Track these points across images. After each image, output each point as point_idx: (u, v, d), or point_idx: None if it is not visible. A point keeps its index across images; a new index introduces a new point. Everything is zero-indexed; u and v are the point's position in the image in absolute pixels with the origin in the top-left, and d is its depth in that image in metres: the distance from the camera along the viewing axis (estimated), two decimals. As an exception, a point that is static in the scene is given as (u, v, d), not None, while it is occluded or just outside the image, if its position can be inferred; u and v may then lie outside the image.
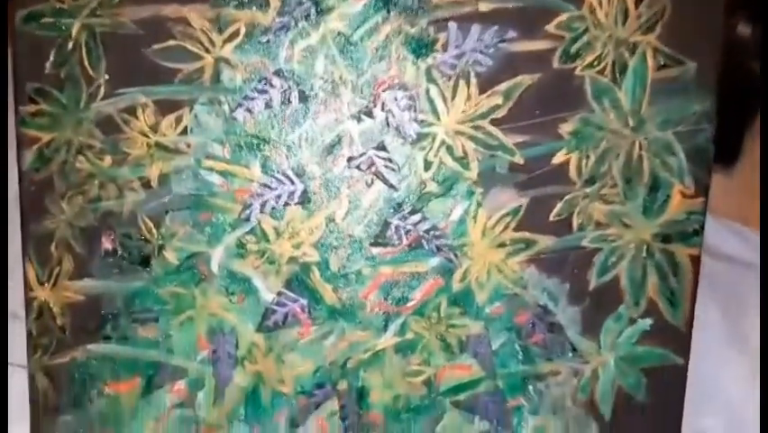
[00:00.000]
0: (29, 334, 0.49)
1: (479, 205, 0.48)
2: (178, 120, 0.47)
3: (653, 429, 0.50)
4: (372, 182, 0.48)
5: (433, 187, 0.48)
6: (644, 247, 0.49)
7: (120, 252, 0.48)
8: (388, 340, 0.50)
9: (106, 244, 0.48)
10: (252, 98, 0.47)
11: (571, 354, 0.50)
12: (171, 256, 0.48)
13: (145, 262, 0.48)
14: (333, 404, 0.50)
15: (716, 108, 0.46)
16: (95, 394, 0.50)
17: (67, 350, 0.49)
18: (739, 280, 0.55)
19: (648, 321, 0.49)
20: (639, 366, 0.50)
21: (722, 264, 0.55)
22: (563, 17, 0.46)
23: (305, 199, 0.48)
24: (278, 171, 0.48)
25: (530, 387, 0.50)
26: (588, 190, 0.48)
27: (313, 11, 0.46)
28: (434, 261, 0.49)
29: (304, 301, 0.49)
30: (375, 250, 0.49)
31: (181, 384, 0.50)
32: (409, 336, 0.50)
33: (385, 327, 0.49)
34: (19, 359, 0.50)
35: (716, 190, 0.48)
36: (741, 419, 0.53)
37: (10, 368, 0.53)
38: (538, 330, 0.50)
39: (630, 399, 0.50)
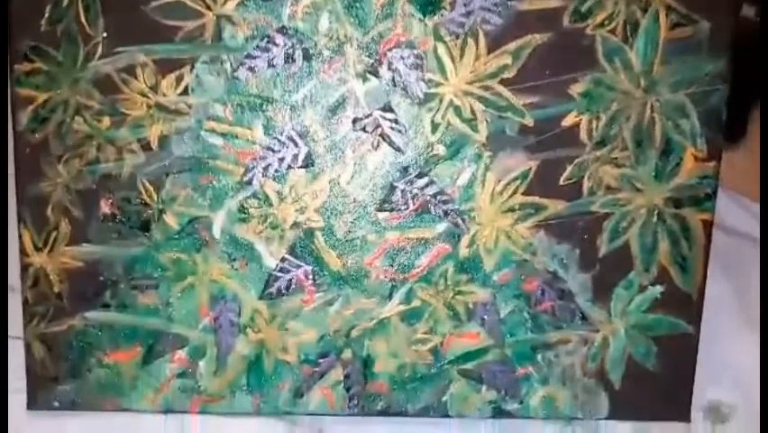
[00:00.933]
0: (24, 302, 0.48)
1: (487, 168, 0.47)
2: (179, 80, 0.45)
3: (663, 399, 0.50)
4: (378, 145, 0.46)
5: (440, 150, 0.47)
6: (656, 212, 0.48)
7: (119, 216, 0.47)
8: (393, 308, 0.48)
9: (105, 208, 0.47)
10: (255, 57, 0.45)
11: (580, 322, 0.49)
12: (172, 221, 0.47)
13: (145, 226, 0.47)
14: (338, 373, 0.49)
15: (731, 69, 0.46)
16: (93, 363, 0.49)
17: (64, 318, 0.48)
18: (750, 255, 0.54)
19: (659, 288, 0.49)
20: (650, 335, 0.49)
21: (733, 239, 0.54)
22: (575, -27, 0.45)
23: (308, 162, 0.47)
24: (281, 133, 0.46)
25: (539, 356, 0.49)
26: (598, 153, 0.47)
27: (317, -33, 0.45)
28: (441, 226, 0.48)
29: (308, 268, 0.48)
30: (381, 215, 0.47)
31: (182, 353, 0.49)
32: (415, 303, 0.48)
33: (390, 295, 0.48)
34: (16, 331, 0.49)
35: (723, 164, 0.47)
36: (752, 395, 0.52)
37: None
38: (547, 297, 0.49)
39: (640, 368, 0.49)
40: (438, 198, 0.47)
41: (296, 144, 0.46)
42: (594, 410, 0.50)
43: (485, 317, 0.49)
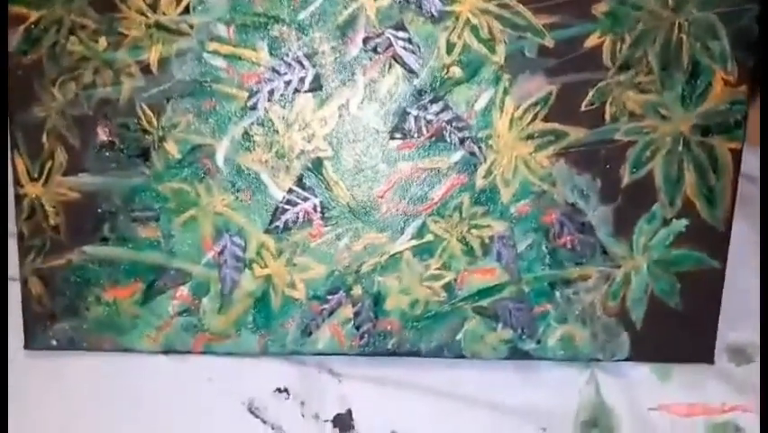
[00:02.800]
0: (20, 235, 0.46)
1: (505, 92, 0.44)
2: (180, -3, 0.43)
3: (687, 339, 0.48)
4: (390, 67, 0.44)
5: (456, 72, 0.44)
6: (682, 140, 0.45)
7: (117, 144, 0.45)
8: (405, 242, 0.46)
9: (102, 135, 0.45)
10: (260, -29, 0.43)
11: (601, 258, 0.47)
12: (173, 149, 0.45)
13: (145, 155, 0.45)
14: (347, 311, 0.47)
15: (763, -15, 0.43)
16: (92, 300, 0.46)
17: (61, 252, 0.46)
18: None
19: (684, 222, 0.46)
20: (673, 270, 0.47)
21: (755, 187, 0.51)
22: None
23: (316, 86, 0.44)
24: (287, 54, 0.44)
25: (557, 293, 0.47)
26: (622, 77, 0.44)
27: None
28: (457, 155, 0.45)
29: (316, 200, 0.46)
30: (393, 143, 0.45)
31: (184, 289, 0.46)
32: (428, 237, 0.46)
33: (402, 229, 0.46)
34: (13, 273, 0.47)
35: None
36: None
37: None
38: (567, 231, 0.46)
39: (663, 306, 0.47)
40: (454, 124, 0.45)
41: (302, 66, 0.44)
42: (614, 351, 0.48)
43: (501, 251, 0.46)
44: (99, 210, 0.45)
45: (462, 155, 0.45)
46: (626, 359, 0.48)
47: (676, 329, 0.47)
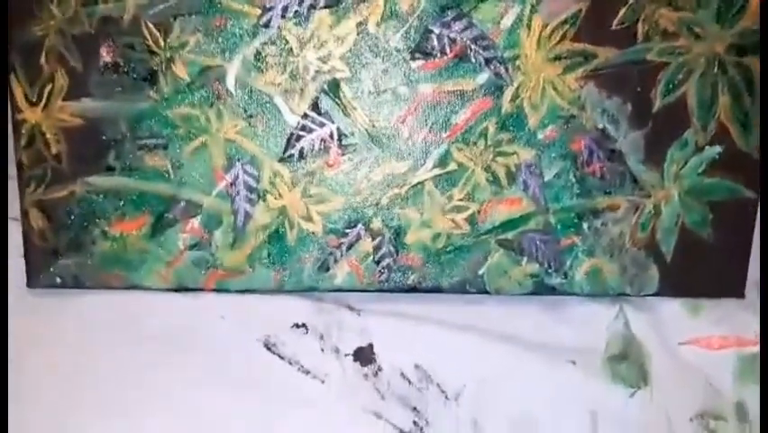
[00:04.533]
0: (19, 165, 0.43)
1: (533, 10, 0.42)
2: None
3: (717, 272, 0.46)
4: (412, -19, 0.42)
5: (481, -14, 0.42)
6: (716, 61, 0.43)
7: (122, 66, 0.42)
8: (427, 172, 0.44)
9: (106, 56, 0.42)
10: None
11: (631, 187, 0.45)
12: (181, 71, 0.42)
13: (151, 78, 0.42)
14: (367, 245, 0.45)
15: None
16: (97, 235, 0.44)
17: (64, 183, 0.43)
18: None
19: (717, 148, 0.44)
20: (705, 200, 0.45)
21: None
22: None
23: (333, 2, 0.41)
24: (302, -33, 0.41)
25: (585, 224, 0.45)
26: (655, -6, 0.42)
27: None
28: (482, 77, 0.43)
29: (333, 126, 0.43)
30: (414, 64, 0.43)
31: (195, 222, 0.44)
32: (452, 166, 0.44)
33: (424, 157, 0.44)
34: (14, 213, 0.44)
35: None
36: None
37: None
38: (596, 158, 0.44)
39: (694, 237, 0.45)
40: (479, 43, 0.42)
41: (319, -20, 0.41)
42: (642, 286, 0.46)
43: (528, 180, 0.44)
44: (103, 138, 0.43)
45: (488, 77, 0.43)
46: (655, 294, 0.46)
47: (706, 262, 0.46)
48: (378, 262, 0.45)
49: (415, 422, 0.44)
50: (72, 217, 0.44)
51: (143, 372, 0.45)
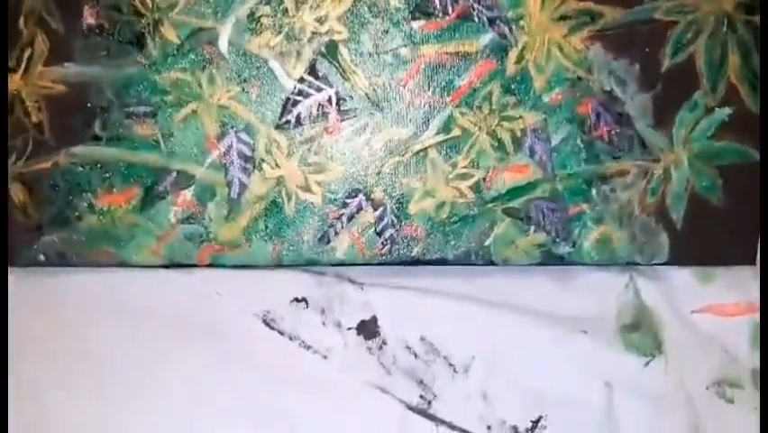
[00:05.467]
0: (-1, 135, 0.41)
1: (538, -34, 0.41)
2: None
3: (728, 239, 0.45)
4: (412, -64, 0.40)
5: (484, -58, 0.40)
6: (726, 20, 0.42)
7: (107, 28, 0.40)
8: (430, 138, 0.42)
9: (89, 18, 0.40)
10: None
11: (639, 151, 0.43)
12: (170, 33, 0.40)
13: (139, 41, 0.40)
14: (368, 216, 0.43)
15: None
16: (83, 209, 0.42)
17: (47, 154, 0.41)
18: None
19: (727, 110, 0.43)
20: (715, 164, 0.44)
21: None
22: None
23: (330, -41, 0.40)
24: None
25: (593, 191, 0.44)
26: (663, -51, 0.41)
27: None
28: (486, 38, 0.41)
29: (331, 90, 0.41)
30: (416, 24, 0.41)
31: (187, 194, 0.42)
32: (455, 132, 0.42)
33: (427, 122, 0.42)
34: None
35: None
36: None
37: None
38: (603, 122, 0.43)
39: (704, 203, 0.44)
40: (482, 2, 0.41)
41: (315, -64, 0.39)
42: (653, 254, 0.45)
43: (534, 146, 0.43)
44: (88, 105, 0.41)
45: (492, 38, 0.41)
46: (665, 263, 0.45)
47: (717, 229, 0.44)
48: (380, 234, 0.43)
49: (422, 396, 0.42)
50: (56, 191, 0.42)
51: (135, 353, 0.42)
